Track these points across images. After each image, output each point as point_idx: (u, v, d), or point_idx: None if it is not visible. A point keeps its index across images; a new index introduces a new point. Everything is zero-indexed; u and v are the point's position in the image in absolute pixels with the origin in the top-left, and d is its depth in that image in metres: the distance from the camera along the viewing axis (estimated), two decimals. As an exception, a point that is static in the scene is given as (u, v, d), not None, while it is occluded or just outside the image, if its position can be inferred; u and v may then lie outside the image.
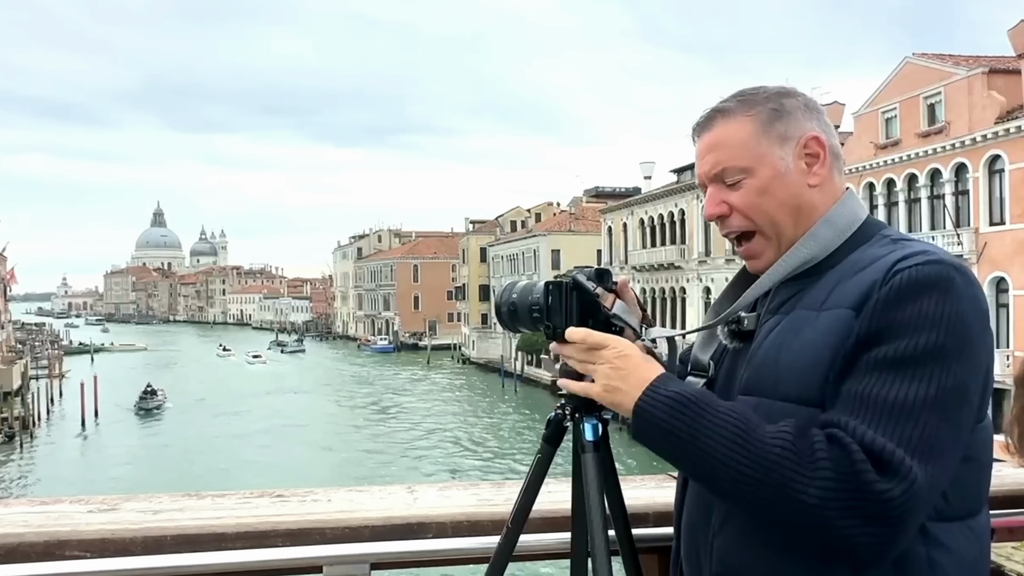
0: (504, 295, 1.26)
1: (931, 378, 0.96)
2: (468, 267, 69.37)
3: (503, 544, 1.23)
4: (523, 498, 1.22)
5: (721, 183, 1.19)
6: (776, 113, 1.17)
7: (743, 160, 1.16)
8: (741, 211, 1.17)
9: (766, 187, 1.16)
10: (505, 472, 29.77)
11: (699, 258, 35.62)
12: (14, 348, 57.55)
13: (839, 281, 1.09)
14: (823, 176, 1.17)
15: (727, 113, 1.19)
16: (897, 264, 1.04)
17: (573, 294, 1.16)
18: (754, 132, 1.16)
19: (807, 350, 1.05)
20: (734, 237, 1.21)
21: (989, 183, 23.54)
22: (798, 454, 0.96)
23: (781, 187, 1.16)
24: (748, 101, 1.18)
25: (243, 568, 1.32)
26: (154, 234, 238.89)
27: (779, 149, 1.16)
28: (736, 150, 1.17)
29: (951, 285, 1.00)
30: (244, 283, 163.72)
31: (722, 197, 1.19)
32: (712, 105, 1.22)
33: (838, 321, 1.04)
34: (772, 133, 1.16)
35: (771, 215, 1.16)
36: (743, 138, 1.16)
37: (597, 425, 1.17)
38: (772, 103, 1.17)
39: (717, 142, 1.18)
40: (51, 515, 1.40)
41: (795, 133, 1.16)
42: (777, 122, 1.17)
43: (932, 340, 0.97)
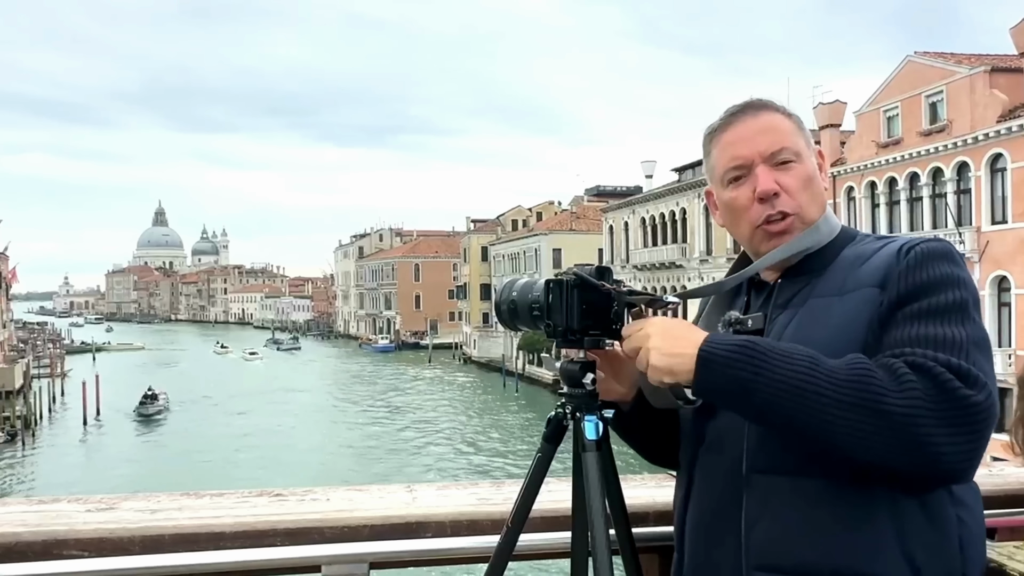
0: (504, 293, 1.26)
1: (966, 323, 1.08)
2: (469, 266, 69.37)
3: (503, 543, 1.23)
4: (523, 497, 1.21)
5: (772, 164, 1.24)
6: (800, 123, 1.30)
7: (797, 144, 1.25)
8: (791, 192, 1.23)
9: (811, 176, 1.26)
10: (505, 471, 29.77)
11: (700, 257, 35.61)
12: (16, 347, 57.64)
13: (849, 271, 1.18)
14: (826, 184, 1.30)
15: (773, 108, 1.28)
16: (907, 243, 1.17)
17: (574, 292, 1.15)
18: (795, 130, 1.27)
19: (841, 329, 1.12)
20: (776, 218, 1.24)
21: (991, 182, 23.50)
22: (882, 375, 1.03)
23: (816, 180, 1.27)
24: (782, 108, 1.29)
25: (241, 567, 1.31)
26: (156, 233, 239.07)
27: (807, 148, 1.28)
28: (791, 135, 1.26)
29: (957, 256, 1.16)
30: (245, 282, 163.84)
31: (775, 176, 1.23)
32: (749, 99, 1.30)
33: (865, 298, 1.13)
34: (802, 136, 1.28)
35: (810, 203, 1.25)
36: (791, 130, 1.26)
37: (598, 424, 1.16)
38: (797, 117, 1.30)
39: (773, 126, 1.26)
40: (49, 514, 1.39)
41: (811, 142, 1.30)
42: (802, 130, 1.29)
43: (959, 295, 1.10)
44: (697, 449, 1.25)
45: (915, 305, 1.10)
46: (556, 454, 1.25)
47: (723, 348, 1.07)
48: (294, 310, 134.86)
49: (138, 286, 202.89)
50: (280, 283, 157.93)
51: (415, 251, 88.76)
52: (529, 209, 67.56)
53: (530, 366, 53.28)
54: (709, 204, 1.38)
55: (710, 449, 1.23)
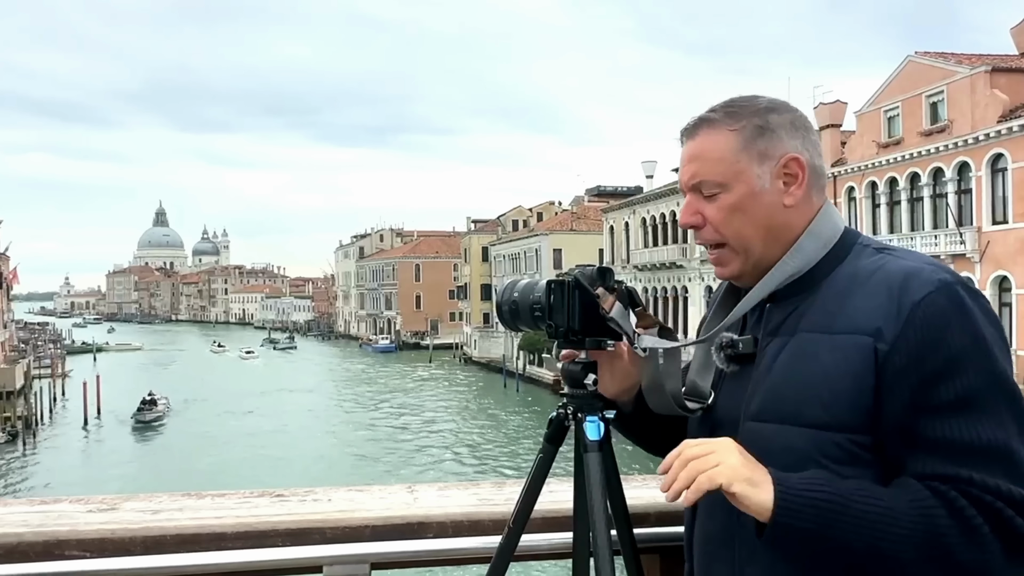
0: (505, 294, 1.26)
1: (1004, 404, 1.01)
2: (470, 266, 69.36)
3: (504, 544, 1.22)
4: (525, 498, 1.21)
5: (699, 193, 1.18)
6: (760, 130, 1.16)
7: (720, 175, 1.16)
8: (714, 223, 1.17)
9: (739, 204, 1.15)
10: (506, 472, 29.76)
11: (701, 257, 35.60)
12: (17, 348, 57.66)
13: (842, 298, 1.09)
14: (798, 197, 1.16)
15: (712, 124, 1.18)
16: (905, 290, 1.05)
17: (575, 293, 1.15)
18: (735, 147, 1.15)
19: (830, 376, 1.05)
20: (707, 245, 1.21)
21: (992, 182, 23.49)
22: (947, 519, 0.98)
23: (755, 205, 1.15)
24: (735, 114, 1.17)
25: (243, 568, 1.31)
26: (156, 234, 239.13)
27: (757, 167, 1.15)
28: (715, 164, 1.16)
29: (965, 298, 1.04)
30: (246, 283, 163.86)
31: (698, 207, 1.18)
32: (700, 112, 1.21)
33: (856, 347, 1.04)
34: (753, 150, 1.15)
35: (740, 232, 1.16)
36: (723, 152, 1.16)
37: (600, 424, 1.15)
38: (758, 118, 1.16)
39: (698, 153, 1.18)
40: (50, 515, 1.39)
41: (776, 152, 1.15)
42: (759, 139, 1.15)
43: (988, 366, 1.01)
44: None
45: (941, 393, 1.01)
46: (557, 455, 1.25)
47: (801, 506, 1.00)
48: (295, 310, 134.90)
49: (139, 286, 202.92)
50: (281, 283, 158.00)
51: (416, 251, 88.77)
52: (530, 209, 67.55)
53: (531, 366, 53.27)
54: None
55: None
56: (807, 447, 1.04)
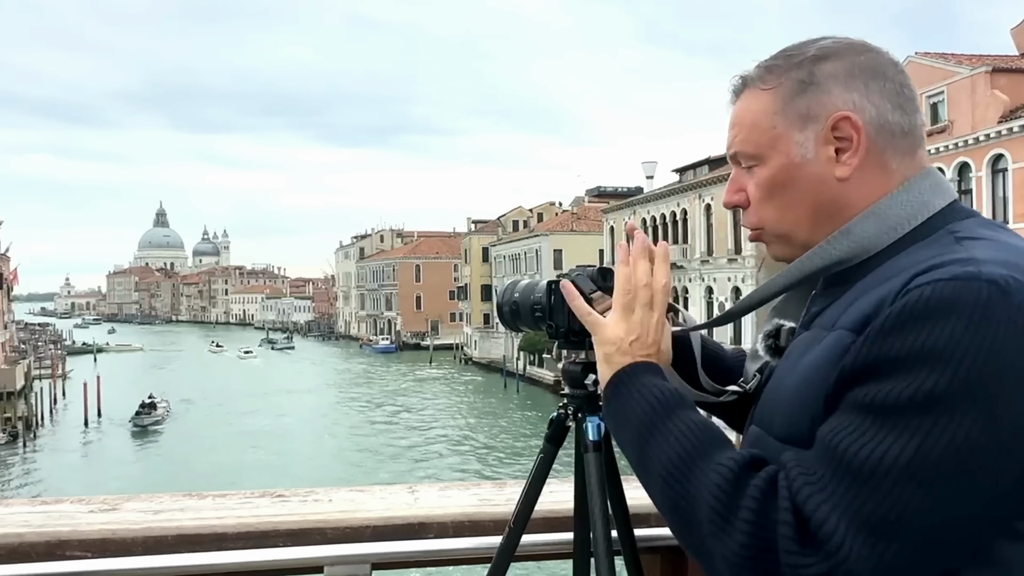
0: (506, 294, 1.25)
1: (917, 433, 0.72)
2: (470, 267, 69.37)
3: (505, 544, 1.23)
4: (525, 498, 1.21)
5: (740, 166, 1.00)
6: (801, 85, 0.93)
7: (752, 144, 0.96)
8: (752, 202, 0.99)
9: (776, 179, 0.95)
10: (507, 472, 29.76)
11: (701, 258, 35.59)
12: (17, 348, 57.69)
13: (862, 293, 0.87)
14: (853, 167, 0.92)
15: (749, 83, 0.98)
16: (919, 276, 0.79)
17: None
18: (771, 109, 0.95)
19: (802, 379, 0.87)
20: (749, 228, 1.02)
21: (992, 182, 23.51)
22: (728, 493, 0.80)
23: (796, 180, 0.94)
24: (774, 67, 0.96)
25: (244, 568, 1.31)
26: (157, 234, 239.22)
27: (798, 132, 0.93)
28: (749, 130, 0.97)
29: (980, 309, 0.73)
30: (246, 283, 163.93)
31: (741, 182, 1.00)
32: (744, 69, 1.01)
33: (836, 346, 0.83)
34: (792, 111, 0.93)
35: (779, 214, 0.96)
36: (757, 116, 0.96)
37: (600, 425, 1.15)
38: (802, 71, 0.93)
39: (736, 118, 0.99)
40: (52, 515, 1.39)
41: (822, 111, 0.92)
42: (800, 97, 0.93)
43: (931, 383, 0.72)
44: None
45: (862, 389, 0.77)
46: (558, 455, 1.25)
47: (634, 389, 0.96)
48: (295, 311, 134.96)
49: (139, 287, 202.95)
50: (281, 284, 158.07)
51: (416, 252, 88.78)
52: (530, 210, 67.57)
53: (531, 367, 53.27)
54: None
55: None
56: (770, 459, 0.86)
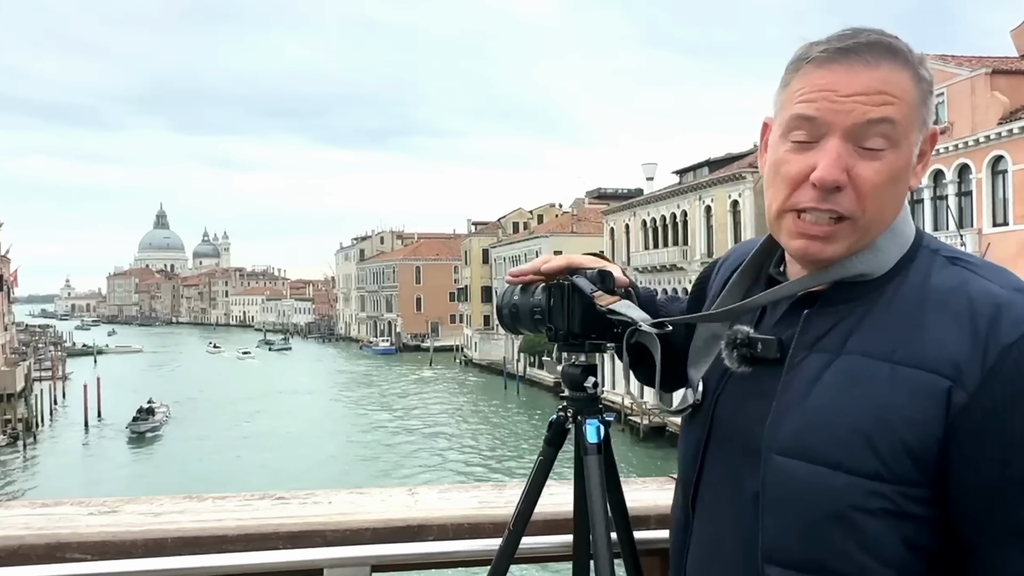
0: (506, 297, 1.25)
1: None
2: (470, 269, 69.39)
3: (504, 546, 1.23)
4: (525, 500, 1.21)
5: (855, 142, 0.88)
6: (931, 88, 0.90)
7: (906, 125, 0.88)
8: (862, 191, 0.88)
9: (899, 172, 0.89)
10: (506, 474, 29.75)
11: (701, 259, 35.58)
12: (17, 350, 57.72)
13: (910, 319, 0.86)
14: (920, 180, 0.93)
15: (903, 58, 0.88)
16: (997, 319, 0.82)
17: (575, 295, 1.14)
18: (917, 99, 0.89)
19: (887, 416, 0.84)
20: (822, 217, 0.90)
21: (992, 184, 23.52)
22: None
23: (906, 179, 0.91)
24: (916, 56, 0.89)
25: (244, 571, 1.31)
26: (157, 236, 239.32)
27: (917, 132, 0.90)
28: (907, 109, 0.87)
29: None
30: (247, 285, 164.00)
31: (849, 162, 0.88)
32: (870, 32, 0.90)
33: (925, 388, 0.83)
34: (923, 111, 0.90)
35: (883, 208, 0.90)
36: (913, 99, 0.88)
37: (599, 427, 1.15)
38: (928, 73, 0.90)
39: (888, 87, 0.87)
40: (52, 517, 1.39)
41: (929, 121, 0.91)
42: (928, 99, 0.90)
43: None
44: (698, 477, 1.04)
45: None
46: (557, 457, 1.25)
47: None
48: (295, 312, 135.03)
49: (139, 289, 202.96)
50: (281, 286, 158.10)
51: (416, 253, 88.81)
52: (530, 211, 67.62)
53: (531, 369, 53.27)
54: (761, 139, 1.00)
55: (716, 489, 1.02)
56: (848, 496, 0.84)
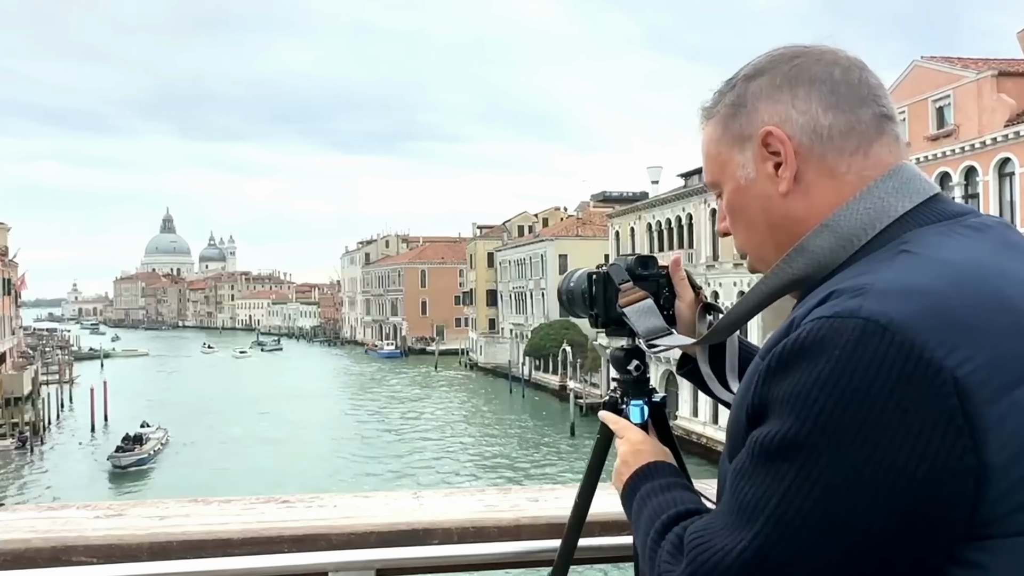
0: (564, 283, 1.32)
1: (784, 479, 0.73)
2: (475, 272, 69.42)
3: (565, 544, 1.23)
4: (586, 480, 1.23)
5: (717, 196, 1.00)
6: (734, 108, 0.92)
7: (710, 173, 0.98)
8: (730, 230, 0.98)
9: (732, 204, 0.95)
10: (511, 478, 29.71)
11: (707, 263, 35.54)
12: (25, 354, 57.96)
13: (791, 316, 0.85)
14: (789, 179, 0.88)
15: (708, 114, 0.98)
16: (816, 309, 0.77)
17: (610, 285, 1.19)
18: (715, 136, 0.95)
19: (736, 405, 0.87)
20: None
21: (999, 186, 23.42)
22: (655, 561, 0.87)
23: (746, 202, 0.93)
24: (718, 94, 0.96)
25: (249, 574, 1.32)
26: (163, 240, 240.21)
27: (739, 154, 0.92)
28: (706, 160, 0.98)
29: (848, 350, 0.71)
30: (252, 288, 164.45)
31: (722, 211, 0.99)
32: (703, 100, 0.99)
33: (753, 376, 0.82)
34: (729, 135, 0.93)
35: (744, 237, 0.96)
36: (708, 146, 0.97)
37: (643, 407, 1.17)
38: (733, 93, 0.93)
39: (704, 148, 0.99)
40: (58, 521, 1.40)
41: (752, 130, 0.90)
42: (733, 120, 0.92)
43: (796, 428, 0.72)
44: None
45: (756, 432, 0.78)
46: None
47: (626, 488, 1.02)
48: (301, 316, 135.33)
49: (146, 292, 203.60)
50: (287, 289, 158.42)
51: (421, 257, 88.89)
52: (535, 215, 67.63)
53: (537, 372, 53.21)
54: None
55: None
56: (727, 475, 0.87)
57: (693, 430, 31.54)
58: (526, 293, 59.35)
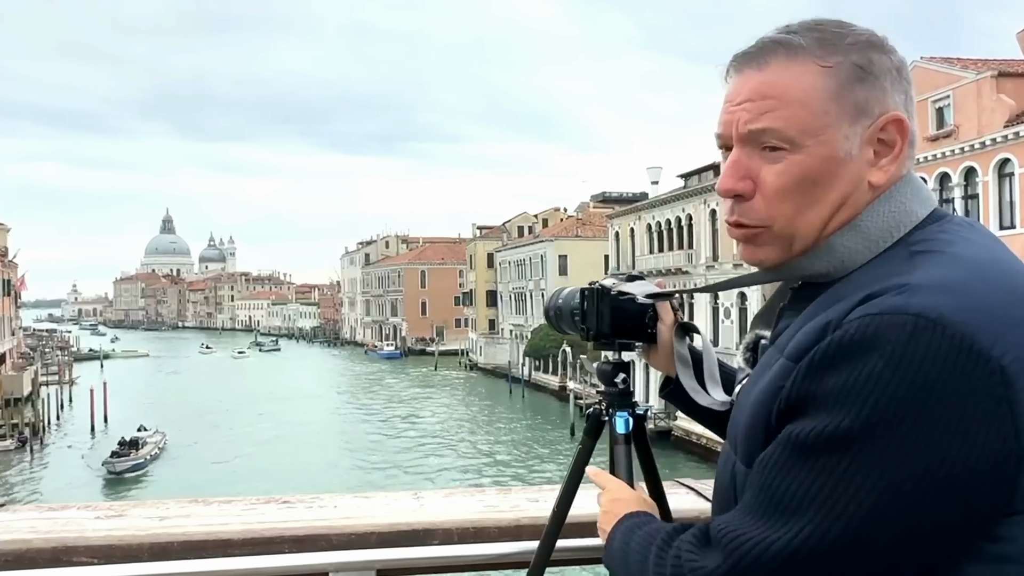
0: (552, 300, 1.36)
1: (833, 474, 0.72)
2: (475, 273, 69.44)
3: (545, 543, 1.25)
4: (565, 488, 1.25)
5: (755, 147, 0.85)
6: (860, 73, 0.83)
7: (799, 125, 0.83)
8: (764, 196, 0.85)
9: (813, 171, 0.83)
10: (511, 478, 29.72)
11: (706, 263, 35.55)
12: (25, 354, 57.97)
13: (815, 315, 0.82)
14: (890, 173, 0.84)
15: (793, 52, 0.84)
16: (859, 307, 0.76)
17: (604, 298, 1.22)
18: (826, 90, 0.82)
19: (754, 404, 0.84)
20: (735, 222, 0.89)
21: (999, 187, 23.44)
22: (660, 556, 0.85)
23: (833, 178, 0.84)
24: (828, 43, 0.84)
25: (250, 575, 1.32)
26: (163, 241, 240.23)
27: (848, 125, 0.83)
28: (795, 108, 0.83)
29: (902, 345, 0.70)
30: (252, 289, 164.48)
31: (750, 168, 0.86)
32: (772, 34, 0.87)
33: (780, 376, 0.80)
34: (848, 100, 0.83)
35: (799, 213, 0.85)
36: (808, 94, 0.83)
37: (628, 419, 1.20)
38: (859, 55, 0.83)
39: (770, 88, 0.84)
40: (58, 521, 1.40)
41: (875, 108, 0.83)
42: (858, 86, 0.83)
43: (848, 422, 0.71)
44: None
45: (793, 424, 0.76)
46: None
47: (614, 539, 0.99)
48: (300, 317, 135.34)
49: (146, 293, 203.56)
50: (287, 290, 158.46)
51: (421, 257, 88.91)
52: (535, 215, 67.67)
53: (536, 373, 53.23)
54: None
55: None
56: (737, 479, 0.87)
57: (693, 431, 31.53)
58: (526, 294, 59.38)
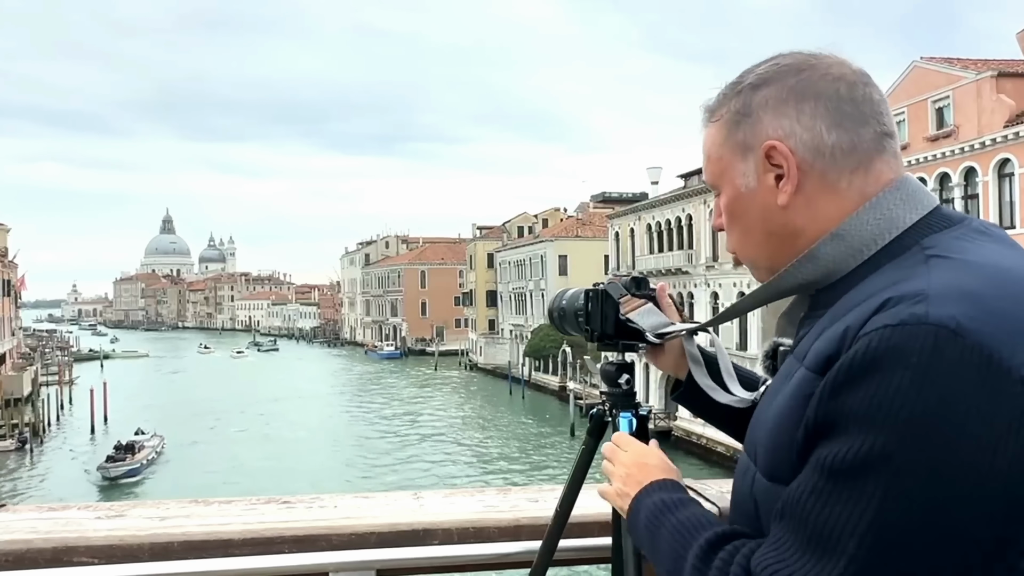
0: (556, 301, 1.37)
1: (872, 499, 0.69)
2: (475, 273, 69.45)
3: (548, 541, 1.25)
4: (569, 488, 1.25)
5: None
6: (738, 116, 0.93)
7: (710, 174, 0.99)
8: (726, 231, 1.00)
9: (730, 208, 0.97)
10: (511, 478, 29.72)
11: (706, 263, 35.55)
12: (25, 355, 57.97)
13: (832, 322, 0.82)
14: (789, 194, 0.90)
15: (706, 114, 0.99)
16: (875, 316, 0.75)
17: (607, 301, 1.23)
18: (718, 140, 0.96)
19: (777, 416, 0.84)
20: None
21: (999, 187, 23.45)
22: None
23: (745, 209, 0.95)
24: (721, 97, 0.97)
25: (250, 575, 1.32)
26: (163, 241, 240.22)
27: (740, 162, 0.94)
28: (708, 161, 0.99)
29: (927, 357, 0.70)
30: (252, 289, 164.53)
31: (719, 208, 1.01)
32: (706, 99, 1.00)
33: (802, 388, 0.80)
34: (733, 142, 0.94)
35: (741, 240, 0.98)
36: (709, 148, 0.98)
37: (631, 420, 1.21)
38: (738, 101, 0.93)
39: (705, 149, 1.00)
40: (59, 521, 1.40)
41: (756, 141, 0.91)
42: (738, 128, 0.93)
43: (880, 443, 0.69)
44: None
45: (823, 448, 0.74)
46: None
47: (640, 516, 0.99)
48: (300, 317, 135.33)
49: (145, 293, 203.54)
50: (287, 290, 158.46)
51: (421, 258, 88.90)
52: (535, 216, 67.68)
53: (536, 373, 53.22)
54: None
55: None
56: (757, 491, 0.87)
57: (693, 431, 31.53)
58: (526, 294, 59.37)
